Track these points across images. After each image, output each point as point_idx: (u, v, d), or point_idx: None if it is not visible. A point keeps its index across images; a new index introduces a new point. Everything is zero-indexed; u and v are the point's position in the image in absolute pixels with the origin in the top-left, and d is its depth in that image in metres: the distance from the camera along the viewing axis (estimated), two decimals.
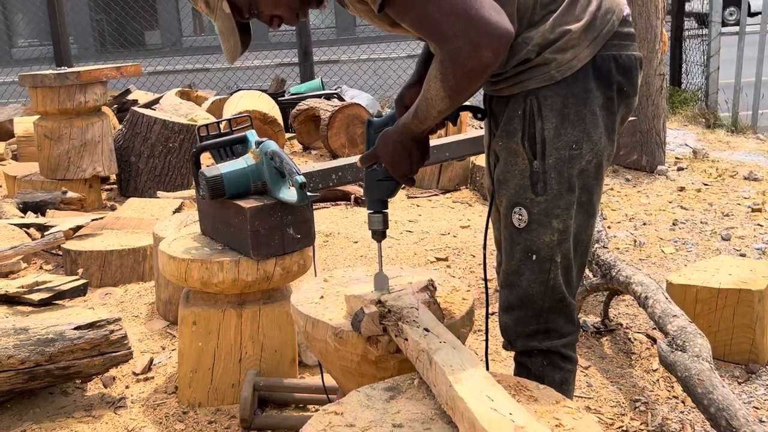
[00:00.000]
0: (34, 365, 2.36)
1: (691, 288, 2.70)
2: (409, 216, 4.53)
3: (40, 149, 4.57)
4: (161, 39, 25.27)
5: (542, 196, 1.57)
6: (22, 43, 24.05)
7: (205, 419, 2.45)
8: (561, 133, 1.55)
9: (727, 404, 1.92)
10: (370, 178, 1.78)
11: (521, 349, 1.68)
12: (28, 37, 23.69)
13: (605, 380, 2.60)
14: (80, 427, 2.40)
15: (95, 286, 3.44)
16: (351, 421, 1.44)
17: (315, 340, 1.88)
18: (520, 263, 1.63)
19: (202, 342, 2.48)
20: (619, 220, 4.38)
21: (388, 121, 1.77)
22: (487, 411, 1.20)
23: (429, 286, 1.84)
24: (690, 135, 6.53)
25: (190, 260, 2.39)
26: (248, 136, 2.52)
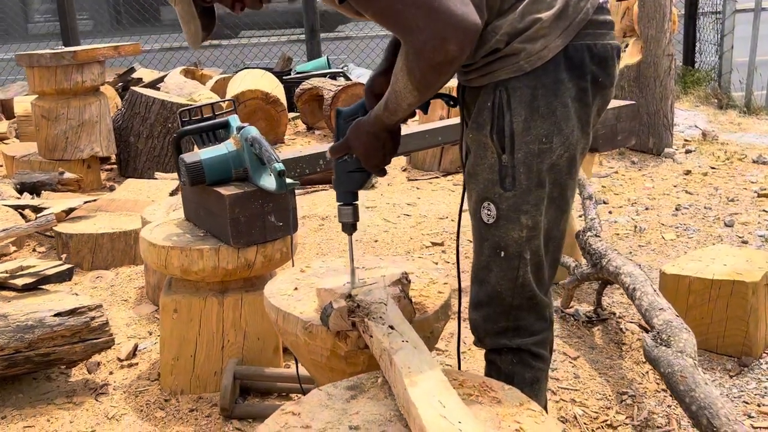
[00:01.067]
0: (13, 352, 2.35)
1: (684, 278, 2.64)
2: (408, 199, 4.48)
3: (38, 129, 4.56)
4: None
5: (510, 191, 1.52)
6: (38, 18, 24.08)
7: (186, 407, 2.43)
8: (530, 126, 1.49)
9: (708, 402, 1.87)
10: (341, 170, 1.74)
11: (491, 346, 1.64)
12: (44, 12, 23.71)
13: (593, 372, 2.55)
14: (60, 413, 2.39)
15: (86, 269, 3.43)
16: (308, 422, 1.40)
17: (286, 333, 1.84)
18: (488, 259, 1.58)
19: (183, 330, 2.46)
20: (621, 205, 4.30)
21: (357, 110, 1.72)
22: (436, 418, 1.16)
23: (402, 280, 1.79)
24: (701, 116, 6.41)
25: (170, 247, 2.36)
26: (230, 121, 2.47)
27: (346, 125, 1.69)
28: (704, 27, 7.70)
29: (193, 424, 2.35)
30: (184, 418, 2.38)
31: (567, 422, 2.27)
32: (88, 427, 2.33)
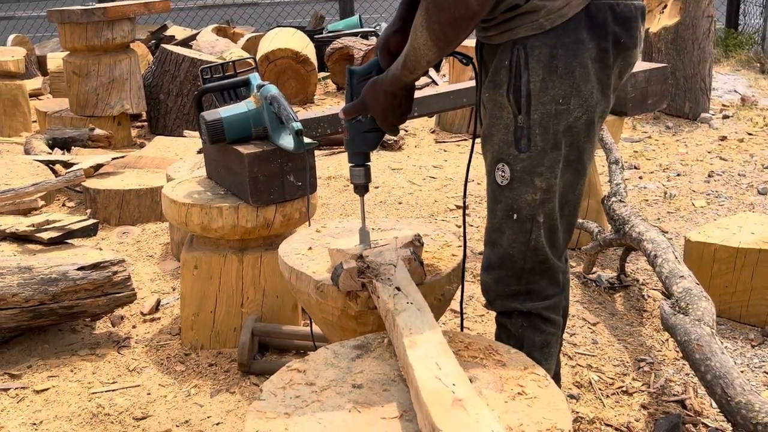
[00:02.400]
0: (38, 304, 2.40)
1: (710, 246, 2.59)
2: (434, 161, 4.45)
3: (69, 86, 4.60)
4: None
5: (525, 153, 1.49)
6: None
7: (205, 362, 2.47)
8: (548, 86, 1.46)
9: (724, 372, 1.84)
10: (355, 130, 1.71)
11: (501, 309, 1.63)
12: None
13: (612, 338, 2.53)
14: (83, 365, 2.45)
15: (114, 224, 3.49)
16: (312, 379, 1.41)
17: (299, 292, 1.85)
18: (501, 221, 1.56)
19: (203, 286, 2.49)
20: (652, 170, 4.22)
21: (371, 69, 1.69)
22: (431, 380, 1.16)
23: (414, 242, 1.78)
24: (741, 81, 6.23)
25: (190, 205, 2.38)
26: (251, 80, 2.46)
27: (360, 85, 1.67)
28: None
29: (212, 378, 2.39)
30: (203, 372, 2.43)
31: (582, 387, 2.26)
32: (110, 379, 2.39)
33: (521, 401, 1.31)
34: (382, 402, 1.33)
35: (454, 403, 1.10)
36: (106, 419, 2.19)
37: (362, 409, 1.31)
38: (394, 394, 1.35)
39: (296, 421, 1.27)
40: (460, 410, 1.08)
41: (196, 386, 2.35)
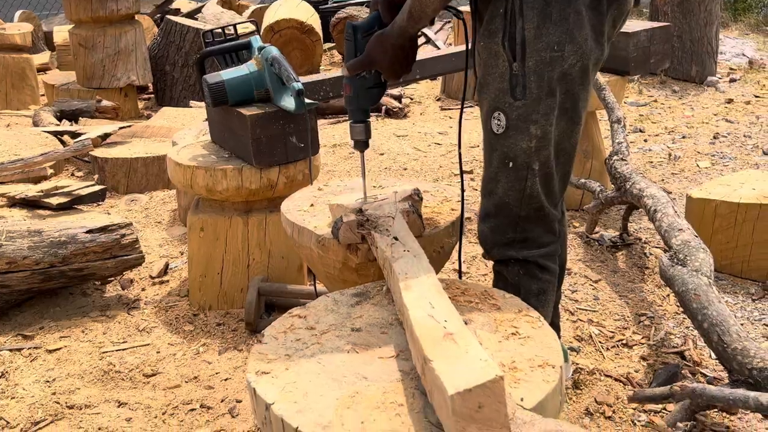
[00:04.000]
0: (48, 266, 2.45)
1: (711, 202, 2.61)
2: (439, 128, 4.46)
3: (76, 58, 4.63)
4: None
5: (521, 100, 1.51)
6: None
7: (213, 321, 2.52)
8: (542, 33, 1.47)
9: (720, 320, 1.87)
10: (359, 86, 1.73)
11: (498, 257, 1.66)
12: None
13: (613, 294, 2.56)
14: (94, 325, 2.50)
15: (122, 192, 3.53)
16: (312, 324, 1.45)
17: (301, 247, 1.89)
18: (497, 170, 1.59)
19: (210, 248, 2.53)
20: (657, 133, 4.22)
21: (373, 23, 1.70)
22: (424, 317, 1.20)
23: (413, 196, 1.81)
24: (749, 44, 6.18)
25: (195, 167, 2.41)
26: (252, 42, 2.48)
27: (364, 40, 1.68)
28: None
29: (220, 337, 2.44)
30: (211, 331, 2.48)
31: (583, 341, 2.30)
32: (120, 338, 2.44)
33: (514, 341, 1.35)
34: (379, 343, 1.37)
35: (446, 336, 1.13)
36: (117, 376, 2.25)
37: (360, 350, 1.35)
38: (392, 336, 1.39)
39: (296, 362, 1.32)
40: (450, 343, 1.12)
41: (204, 345, 2.40)
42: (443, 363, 1.07)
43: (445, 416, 1.04)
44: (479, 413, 1.00)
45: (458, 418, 1.00)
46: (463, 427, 1.00)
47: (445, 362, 1.07)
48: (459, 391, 0.99)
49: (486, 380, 1.00)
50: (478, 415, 1.00)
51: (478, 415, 1.00)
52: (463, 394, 0.99)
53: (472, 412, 1.00)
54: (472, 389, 0.99)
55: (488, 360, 1.06)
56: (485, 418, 1.01)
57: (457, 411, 1.00)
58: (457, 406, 0.99)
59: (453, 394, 0.99)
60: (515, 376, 1.24)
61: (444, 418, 1.05)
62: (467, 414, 1.00)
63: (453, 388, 1.00)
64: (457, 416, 1.00)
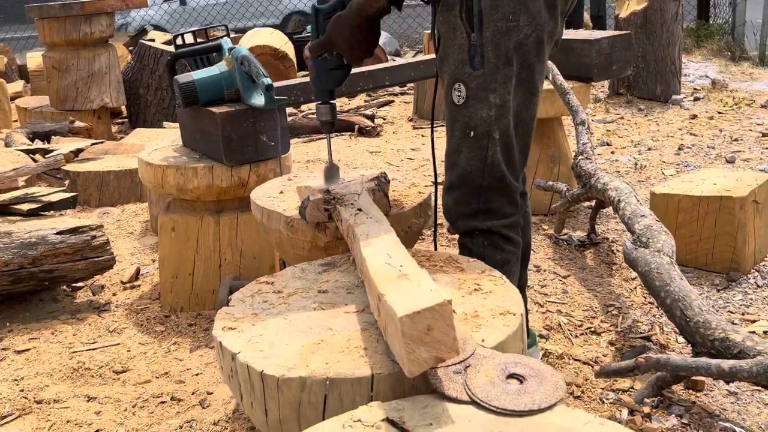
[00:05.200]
0: (18, 267, 2.44)
1: (674, 197, 2.67)
2: (412, 145, 4.52)
3: (49, 81, 4.65)
4: None
5: (479, 70, 1.56)
6: None
7: (185, 322, 2.52)
8: (497, 4, 1.53)
9: (683, 295, 1.91)
10: (321, 67, 1.77)
11: (463, 229, 1.69)
12: None
13: (582, 288, 2.60)
14: (64, 327, 2.49)
15: (94, 206, 3.53)
16: (280, 288, 1.47)
17: (270, 231, 1.91)
18: (459, 141, 1.63)
19: (181, 248, 2.54)
20: (624, 146, 4.31)
21: (336, 6, 1.74)
22: (381, 264, 1.22)
23: (380, 178, 1.84)
24: (712, 67, 6.36)
25: (166, 166, 2.43)
26: (222, 44, 2.53)
27: (325, 23, 1.73)
28: None
29: (191, 336, 2.43)
30: (182, 331, 2.47)
31: (552, 329, 2.33)
32: (91, 339, 2.43)
33: (477, 295, 1.38)
34: (345, 302, 1.39)
35: (400, 277, 1.16)
36: (87, 373, 2.23)
37: (326, 308, 1.37)
38: (357, 296, 1.41)
39: (263, 319, 1.33)
40: (404, 281, 1.14)
41: (175, 343, 2.39)
42: (395, 295, 1.09)
43: (396, 343, 1.06)
44: (428, 336, 1.03)
45: (408, 341, 1.02)
46: (413, 349, 1.02)
47: (397, 294, 1.10)
48: (408, 314, 1.02)
49: (434, 303, 1.03)
50: (427, 337, 1.03)
51: (427, 338, 1.03)
52: (412, 316, 1.02)
53: (422, 334, 1.03)
54: (420, 311, 1.02)
55: (438, 289, 1.09)
56: (434, 340, 1.03)
57: (407, 333, 1.02)
58: (407, 328, 1.02)
59: (402, 316, 1.02)
60: (477, 322, 1.27)
61: (395, 345, 1.07)
62: (417, 336, 1.02)
63: (402, 311, 1.02)
64: (406, 339, 1.02)
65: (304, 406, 1.14)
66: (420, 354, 1.05)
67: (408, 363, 1.05)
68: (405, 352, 1.04)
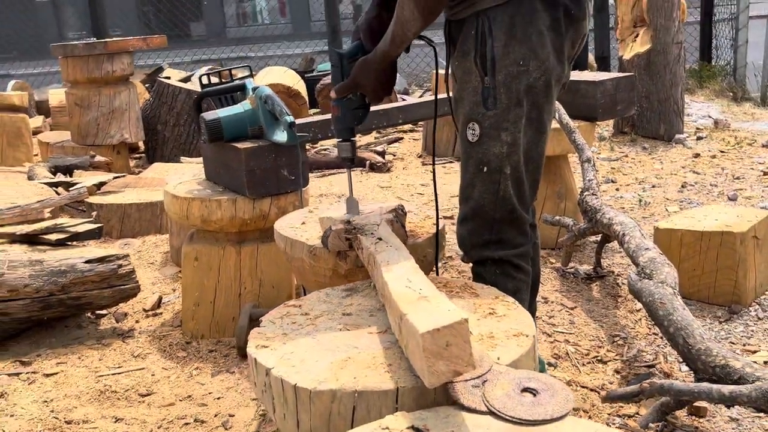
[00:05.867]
0: (47, 294, 2.55)
1: (677, 232, 2.78)
2: (421, 180, 4.64)
3: (71, 116, 4.81)
4: (206, 29, 25.73)
5: (492, 110, 1.69)
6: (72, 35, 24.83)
7: (206, 348, 2.62)
8: (509, 50, 1.66)
9: (685, 324, 2.00)
10: (346, 108, 1.90)
11: (476, 258, 1.80)
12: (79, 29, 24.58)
13: (588, 319, 2.69)
14: (90, 352, 2.59)
15: (115, 237, 3.65)
16: (307, 311, 1.58)
17: (293, 259, 2.02)
18: (473, 176, 1.75)
19: (203, 277, 2.65)
20: (628, 183, 4.43)
21: (357, 51, 1.88)
22: (402, 288, 1.33)
23: (397, 210, 1.96)
24: (714, 107, 6.50)
25: (191, 199, 2.55)
26: (246, 84, 2.67)
27: (349, 66, 1.86)
28: (720, 33, 7.78)
29: (212, 361, 2.53)
30: (204, 357, 2.57)
31: (560, 358, 2.42)
32: (116, 364, 2.52)
33: (492, 319, 1.48)
34: (368, 324, 1.49)
35: (420, 298, 1.27)
36: (113, 396, 2.32)
37: (351, 329, 1.47)
38: (380, 318, 1.51)
39: (293, 338, 1.44)
40: (424, 302, 1.25)
41: (197, 368, 2.49)
42: (416, 314, 1.20)
43: (417, 357, 1.17)
44: (447, 351, 1.13)
45: (428, 355, 1.13)
46: (433, 362, 1.13)
47: (418, 314, 1.20)
48: (429, 330, 1.13)
49: (452, 321, 1.14)
50: (446, 352, 1.13)
51: (446, 353, 1.13)
52: (432, 333, 1.13)
53: (441, 349, 1.13)
54: (440, 329, 1.13)
55: (456, 309, 1.20)
56: (452, 355, 1.14)
57: (428, 348, 1.13)
58: (427, 344, 1.13)
59: (423, 333, 1.12)
60: (492, 342, 1.37)
61: (416, 360, 1.18)
62: (436, 351, 1.13)
63: (423, 328, 1.13)
64: (427, 353, 1.13)
65: (334, 417, 1.24)
66: (439, 367, 1.15)
67: (428, 375, 1.15)
68: (426, 366, 1.15)
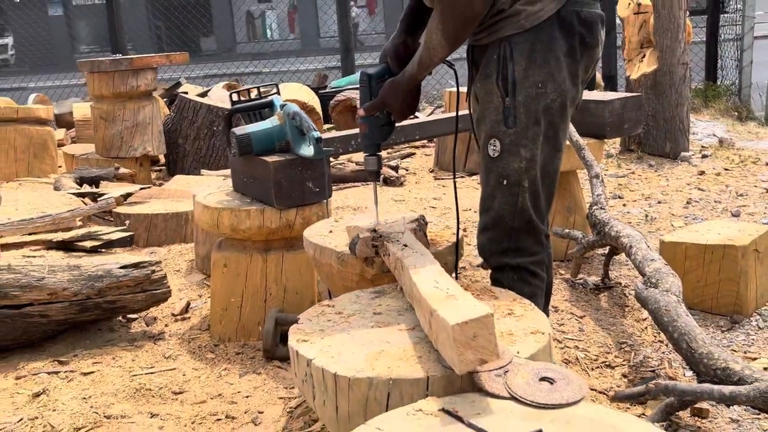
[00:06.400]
0: (85, 298, 2.70)
1: (681, 245, 2.91)
2: (434, 194, 4.79)
3: (96, 130, 4.98)
4: (216, 45, 26.05)
5: (512, 128, 1.84)
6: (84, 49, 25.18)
7: (233, 351, 2.76)
8: (529, 74, 1.81)
9: (688, 330, 2.14)
10: (373, 125, 2.05)
11: (495, 265, 1.94)
12: (90, 43, 24.93)
13: (597, 327, 2.83)
14: (124, 354, 2.73)
15: (142, 246, 3.80)
16: (340, 310, 1.72)
17: (322, 265, 2.17)
18: (493, 188, 1.89)
19: (231, 283, 2.79)
20: (635, 199, 4.57)
21: (384, 73, 2.04)
22: (430, 288, 1.48)
23: (419, 220, 2.11)
24: (719, 126, 6.64)
25: (221, 209, 2.70)
26: (274, 101, 2.83)
27: (378, 86, 2.02)
28: (726, 53, 7.94)
29: (239, 363, 2.67)
30: (231, 359, 2.71)
31: (570, 363, 2.55)
32: (148, 364, 2.67)
33: (510, 318, 1.62)
34: (398, 322, 1.64)
35: (448, 297, 1.41)
36: (148, 393, 2.47)
37: (382, 326, 1.62)
38: (408, 317, 1.66)
39: (330, 334, 1.58)
40: (452, 299, 1.40)
41: (225, 369, 2.63)
42: (446, 310, 1.35)
43: (447, 347, 1.31)
44: (474, 341, 1.28)
45: (458, 345, 1.27)
46: (462, 352, 1.27)
47: (447, 309, 1.35)
48: (458, 323, 1.27)
49: (479, 315, 1.28)
50: (474, 343, 1.28)
51: (473, 343, 1.28)
52: (461, 325, 1.27)
53: (469, 340, 1.28)
54: (468, 321, 1.27)
55: (481, 304, 1.34)
56: (479, 345, 1.28)
57: (457, 339, 1.27)
58: (457, 335, 1.27)
59: (453, 325, 1.27)
60: (512, 339, 1.51)
61: (446, 350, 1.32)
62: (465, 342, 1.27)
63: (453, 320, 1.28)
64: (457, 344, 1.27)
65: (370, 403, 1.38)
66: (468, 356, 1.29)
67: (458, 363, 1.29)
68: (456, 355, 1.29)
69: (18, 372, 2.60)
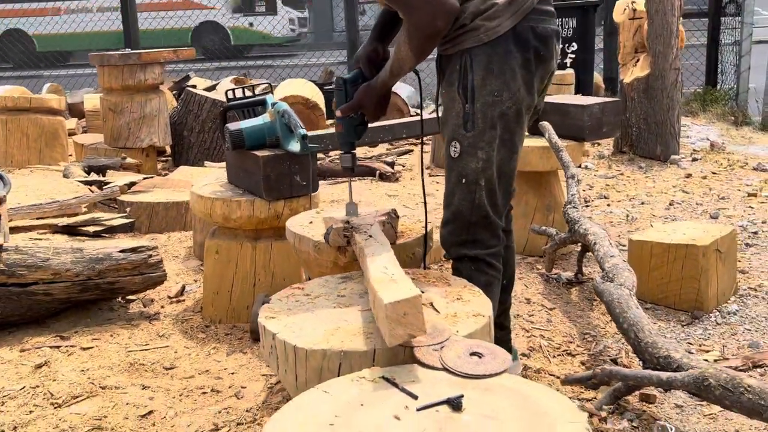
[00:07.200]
0: (86, 278, 2.91)
1: (647, 244, 3.09)
2: (427, 190, 4.97)
3: (105, 121, 5.19)
4: None
5: (471, 132, 2.02)
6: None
7: (223, 332, 2.96)
8: (486, 83, 1.99)
9: (636, 321, 2.32)
10: (349, 124, 2.25)
11: (455, 255, 2.12)
12: None
13: (564, 318, 3.01)
14: (121, 332, 2.94)
15: (143, 233, 4.01)
16: (308, 292, 1.92)
17: (301, 252, 2.36)
18: (454, 186, 2.08)
19: (222, 269, 2.99)
20: (620, 200, 4.73)
21: (358, 77, 2.22)
22: (379, 273, 1.67)
23: (390, 213, 2.30)
24: (713, 130, 6.78)
25: (214, 199, 2.90)
26: (267, 99, 3.02)
27: (352, 90, 2.21)
28: (726, 58, 8.05)
29: (227, 343, 2.87)
30: (220, 339, 2.91)
31: (533, 350, 2.73)
32: (143, 342, 2.87)
33: (458, 303, 1.81)
34: (358, 304, 1.83)
35: (390, 281, 1.60)
36: (141, 368, 2.67)
37: (343, 307, 1.81)
38: (367, 300, 1.84)
39: (295, 312, 1.77)
40: (392, 283, 1.59)
41: (214, 348, 2.83)
42: (384, 292, 1.54)
43: (382, 322, 1.50)
44: (404, 318, 1.47)
45: (390, 321, 1.46)
46: (393, 327, 1.46)
47: (385, 291, 1.54)
48: (390, 302, 1.46)
49: (409, 296, 1.47)
50: (404, 319, 1.47)
51: (403, 320, 1.47)
52: (393, 304, 1.46)
53: (400, 317, 1.46)
54: (399, 301, 1.46)
55: (414, 288, 1.53)
56: (409, 322, 1.47)
57: (390, 316, 1.46)
58: (389, 312, 1.46)
59: (386, 303, 1.46)
60: (455, 320, 1.70)
61: (382, 324, 1.51)
62: (396, 319, 1.46)
63: (387, 299, 1.47)
64: (389, 320, 1.46)
65: (324, 372, 1.57)
66: (398, 331, 1.48)
67: (389, 337, 1.48)
68: (388, 330, 1.48)
69: (23, 345, 2.81)
